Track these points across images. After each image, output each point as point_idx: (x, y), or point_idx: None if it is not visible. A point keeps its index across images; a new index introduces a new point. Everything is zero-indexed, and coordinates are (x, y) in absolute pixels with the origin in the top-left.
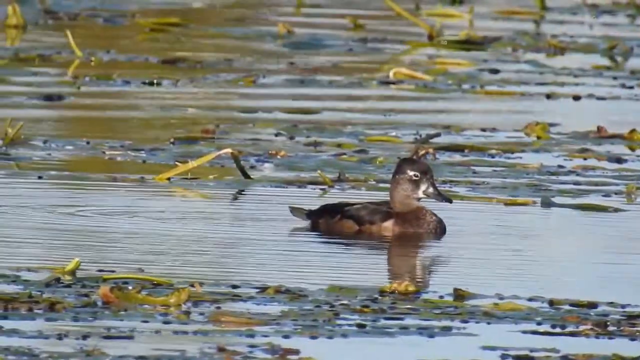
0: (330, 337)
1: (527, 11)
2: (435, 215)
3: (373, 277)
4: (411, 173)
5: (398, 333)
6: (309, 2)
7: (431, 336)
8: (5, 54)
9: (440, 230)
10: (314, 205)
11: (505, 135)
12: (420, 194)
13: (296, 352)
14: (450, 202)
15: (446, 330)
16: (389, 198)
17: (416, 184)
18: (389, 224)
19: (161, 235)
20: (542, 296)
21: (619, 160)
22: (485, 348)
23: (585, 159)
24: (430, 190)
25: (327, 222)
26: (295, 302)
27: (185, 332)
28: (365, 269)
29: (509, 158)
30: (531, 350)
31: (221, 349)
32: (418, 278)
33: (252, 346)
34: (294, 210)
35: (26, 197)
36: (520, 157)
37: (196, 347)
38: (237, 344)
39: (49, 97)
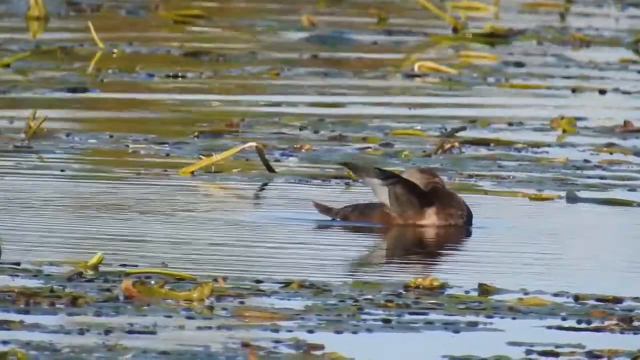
0: (354, 332)
1: (552, 4)
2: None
3: (397, 272)
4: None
5: (423, 328)
6: None
7: (456, 331)
8: (27, 46)
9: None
10: (338, 200)
11: (531, 129)
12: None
13: (321, 347)
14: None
15: (471, 325)
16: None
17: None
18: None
19: (184, 230)
20: (567, 291)
21: None
22: (510, 344)
23: (611, 153)
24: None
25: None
26: (319, 297)
27: (209, 327)
28: (389, 263)
29: (535, 152)
30: (556, 346)
31: (245, 344)
32: (443, 272)
33: (276, 341)
34: (319, 207)
35: (49, 191)
36: (547, 152)
37: (220, 342)
38: (261, 339)
39: (72, 90)
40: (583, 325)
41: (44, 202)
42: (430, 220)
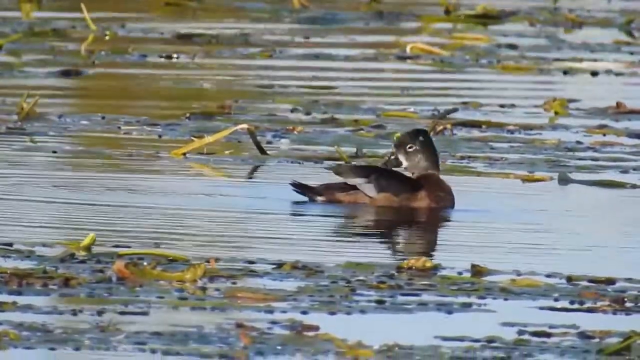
0: (348, 313)
1: None
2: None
3: (390, 253)
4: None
5: (416, 309)
6: None
7: (449, 312)
8: (19, 28)
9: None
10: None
11: (523, 111)
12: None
13: (316, 328)
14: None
15: (464, 306)
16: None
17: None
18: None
19: (177, 211)
20: (559, 272)
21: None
22: (503, 324)
23: (604, 134)
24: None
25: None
26: (312, 278)
27: (202, 309)
28: (382, 244)
29: (527, 134)
30: (549, 327)
31: (239, 325)
32: (435, 254)
33: (269, 322)
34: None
35: (41, 172)
36: (539, 133)
37: (212, 323)
38: (254, 320)
39: (65, 72)
40: (576, 306)
41: (36, 183)
42: (423, 202)
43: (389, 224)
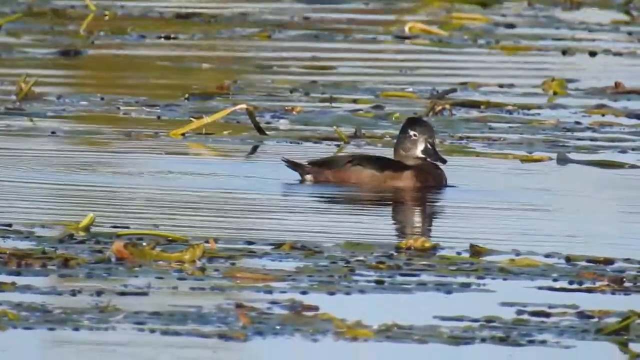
0: (347, 294)
1: None
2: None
3: (389, 234)
4: (411, 132)
5: (416, 289)
6: None
7: (449, 292)
8: (18, 8)
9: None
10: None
11: (522, 91)
12: (418, 152)
13: (315, 308)
14: (445, 162)
15: (464, 286)
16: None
17: (414, 143)
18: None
19: (176, 192)
20: (558, 252)
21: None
22: (502, 304)
23: (603, 115)
24: (427, 149)
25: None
26: (311, 259)
27: (201, 289)
28: (381, 225)
29: (525, 114)
30: (548, 306)
31: (239, 306)
32: (434, 234)
33: (269, 302)
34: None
35: (40, 153)
36: (537, 114)
37: (211, 303)
38: (253, 300)
39: (64, 52)
40: (574, 286)
41: (35, 164)
42: (409, 182)
43: (387, 204)
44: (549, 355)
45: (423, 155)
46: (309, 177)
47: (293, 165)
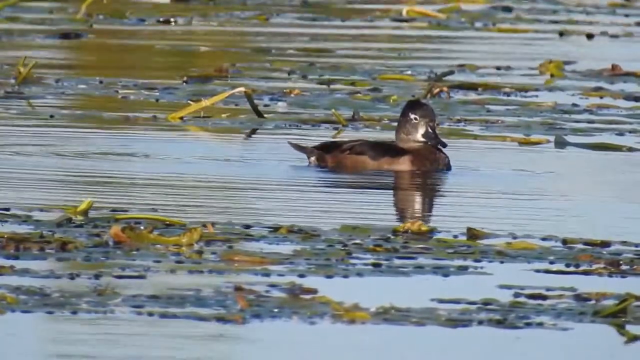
0: (345, 277)
1: None
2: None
3: (386, 217)
4: (412, 116)
5: (413, 272)
6: None
7: (446, 275)
8: None
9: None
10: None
11: (519, 73)
12: (419, 136)
13: (314, 291)
14: (445, 146)
15: (461, 269)
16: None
17: (415, 126)
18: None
19: (174, 175)
20: (555, 235)
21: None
22: (499, 287)
23: (601, 97)
24: (428, 133)
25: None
26: (308, 242)
27: (199, 272)
28: (378, 208)
29: (523, 96)
30: (545, 289)
31: (238, 289)
32: (431, 217)
33: (267, 285)
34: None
35: (38, 136)
36: (535, 96)
37: (209, 286)
38: (251, 283)
39: (63, 35)
40: (571, 269)
41: (33, 148)
42: (406, 166)
43: (384, 188)
44: (546, 338)
45: (424, 139)
46: (313, 159)
47: (298, 148)
